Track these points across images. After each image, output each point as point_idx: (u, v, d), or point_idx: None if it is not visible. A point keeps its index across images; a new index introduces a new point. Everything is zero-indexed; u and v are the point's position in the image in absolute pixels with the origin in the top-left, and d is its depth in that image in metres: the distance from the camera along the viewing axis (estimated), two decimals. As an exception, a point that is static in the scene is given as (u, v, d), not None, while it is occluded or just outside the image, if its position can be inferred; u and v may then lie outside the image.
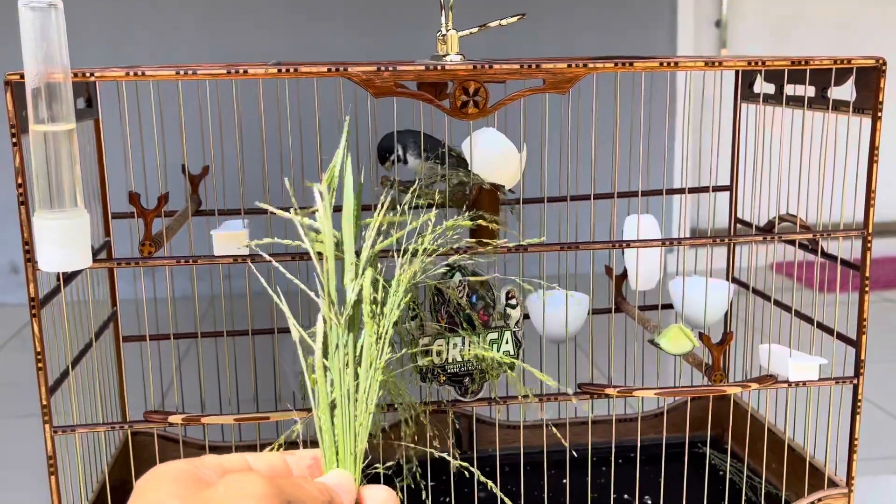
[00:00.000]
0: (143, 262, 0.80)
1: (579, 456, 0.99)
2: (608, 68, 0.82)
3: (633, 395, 0.88)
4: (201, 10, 2.43)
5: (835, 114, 0.90)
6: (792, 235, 0.92)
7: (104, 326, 1.01)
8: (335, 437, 0.49)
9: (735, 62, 0.84)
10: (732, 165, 1.11)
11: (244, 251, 0.81)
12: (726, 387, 0.89)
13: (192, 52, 2.42)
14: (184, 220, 0.92)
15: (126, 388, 1.10)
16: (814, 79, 0.91)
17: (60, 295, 0.83)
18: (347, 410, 0.50)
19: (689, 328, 0.96)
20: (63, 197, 0.73)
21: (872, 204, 0.89)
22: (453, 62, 0.86)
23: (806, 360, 0.91)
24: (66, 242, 0.73)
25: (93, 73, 0.77)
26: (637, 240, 0.90)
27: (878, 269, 2.65)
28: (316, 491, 0.43)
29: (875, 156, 0.88)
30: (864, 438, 1.38)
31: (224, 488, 0.39)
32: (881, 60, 0.85)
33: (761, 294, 1.03)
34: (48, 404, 0.80)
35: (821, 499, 0.93)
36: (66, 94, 0.72)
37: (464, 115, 0.82)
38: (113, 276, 1.06)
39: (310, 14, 2.48)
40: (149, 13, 2.41)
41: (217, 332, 0.94)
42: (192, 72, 0.77)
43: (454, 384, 0.87)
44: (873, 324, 2.22)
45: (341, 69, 0.79)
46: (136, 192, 0.81)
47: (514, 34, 2.56)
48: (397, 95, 0.81)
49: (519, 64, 0.82)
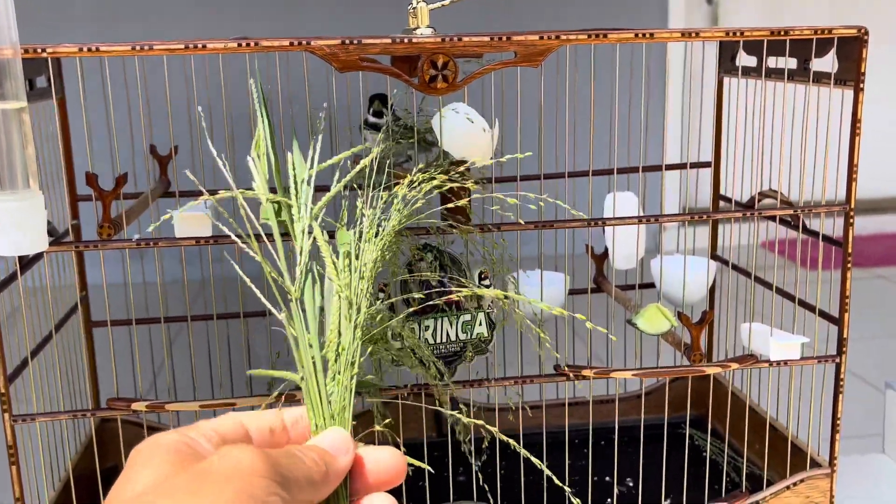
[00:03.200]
0: (101, 245, 0.78)
1: (558, 438, 0.97)
2: (581, 40, 0.79)
3: (611, 376, 0.86)
4: None
5: (817, 86, 0.88)
6: (773, 212, 0.90)
7: (72, 312, 0.99)
8: (320, 397, 0.47)
9: (713, 32, 0.82)
10: (715, 141, 1.09)
11: (206, 233, 0.78)
12: (705, 367, 0.87)
13: (177, 34, 2.38)
14: (148, 202, 0.90)
15: (101, 374, 1.08)
16: (795, 50, 0.89)
17: (18, 280, 0.81)
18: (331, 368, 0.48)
19: (671, 307, 0.94)
20: (15, 178, 0.70)
21: (855, 178, 0.87)
22: (422, 35, 0.83)
23: (788, 339, 0.89)
24: (19, 225, 0.70)
25: (44, 49, 0.74)
26: (613, 217, 0.88)
27: (870, 246, 2.63)
28: (310, 461, 0.42)
29: (857, 128, 0.85)
30: (853, 415, 1.37)
31: (218, 461, 0.37)
32: (863, 30, 0.82)
33: (742, 271, 1.01)
34: (6, 392, 0.78)
35: (803, 479, 0.91)
36: (16, 71, 0.69)
37: (433, 90, 0.79)
38: (81, 260, 1.04)
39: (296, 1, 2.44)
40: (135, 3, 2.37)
41: (182, 317, 0.92)
42: (148, 47, 0.74)
43: (426, 367, 0.85)
44: (866, 300, 2.21)
45: (304, 43, 0.76)
46: (94, 173, 0.79)
47: (500, 14, 2.53)
48: (363, 69, 0.78)
49: (489, 36, 0.79)
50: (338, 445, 0.44)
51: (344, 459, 0.44)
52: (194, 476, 0.37)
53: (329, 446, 0.44)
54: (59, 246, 0.79)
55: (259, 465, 0.38)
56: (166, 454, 0.38)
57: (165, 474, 0.37)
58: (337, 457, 0.44)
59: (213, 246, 0.81)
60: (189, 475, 0.37)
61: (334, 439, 0.45)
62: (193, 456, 0.39)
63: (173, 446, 0.39)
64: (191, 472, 0.37)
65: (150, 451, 0.39)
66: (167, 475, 0.37)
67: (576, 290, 1.04)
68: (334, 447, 0.44)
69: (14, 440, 0.79)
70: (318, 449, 0.43)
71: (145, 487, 0.37)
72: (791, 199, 0.93)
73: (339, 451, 0.44)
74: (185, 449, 0.39)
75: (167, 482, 0.37)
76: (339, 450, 0.44)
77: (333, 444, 0.44)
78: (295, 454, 0.42)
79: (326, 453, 0.43)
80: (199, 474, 0.37)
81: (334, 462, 0.43)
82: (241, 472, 0.37)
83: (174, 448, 0.39)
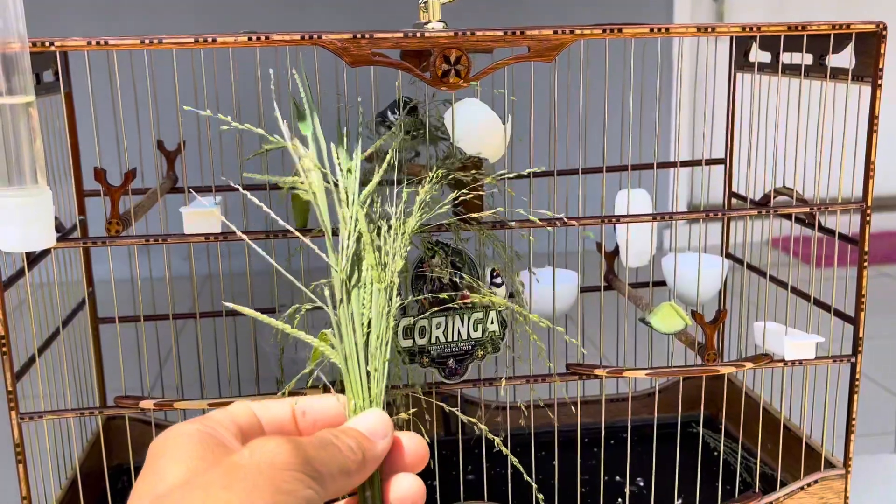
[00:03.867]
0: (110, 242, 0.77)
1: (569, 437, 0.97)
2: (596, 35, 0.78)
3: (624, 375, 0.85)
4: None
5: (833, 82, 0.87)
6: (788, 209, 0.89)
7: (78, 308, 0.98)
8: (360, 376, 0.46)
9: (729, 28, 0.81)
10: (727, 137, 1.08)
11: (216, 229, 0.78)
12: (720, 366, 0.86)
13: (182, 28, 2.37)
14: (156, 197, 0.89)
15: (108, 371, 1.07)
16: (811, 46, 0.88)
17: (25, 276, 0.80)
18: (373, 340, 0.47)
19: (682, 306, 0.93)
20: (23, 173, 0.70)
21: (872, 176, 0.85)
22: (434, 30, 0.82)
23: (802, 338, 0.88)
24: (27, 221, 0.69)
25: (52, 43, 0.73)
26: (627, 214, 0.87)
27: (875, 244, 2.62)
28: (346, 448, 0.40)
29: (875, 125, 0.84)
30: (862, 415, 1.36)
31: (249, 455, 0.37)
32: (881, 25, 0.81)
33: (756, 270, 1.00)
34: (14, 390, 0.77)
35: (817, 480, 0.90)
36: (24, 66, 0.68)
37: (445, 85, 0.78)
38: (88, 256, 1.03)
39: None
40: None
41: (189, 313, 0.91)
42: (157, 41, 0.73)
43: (438, 366, 0.84)
44: (873, 299, 2.20)
45: (315, 37, 0.75)
46: (103, 168, 0.78)
47: (507, 10, 2.52)
48: (374, 64, 0.77)
49: (503, 31, 0.78)
50: (377, 429, 0.43)
51: (382, 444, 0.43)
52: (227, 470, 0.36)
53: (367, 429, 0.43)
54: (66, 242, 0.78)
55: (293, 459, 0.37)
56: (194, 446, 0.38)
57: (196, 468, 0.36)
58: (375, 441, 0.42)
59: (222, 242, 0.80)
60: (222, 469, 0.36)
61: (373, 423, 0.43)
62: (221, 447, 0.38)
63: (198, 437, 0.38)
64: (224, 467, 0.36)
65: (176, 443, 0.38)
66: (199, 469, 0.36)
67: (587, 288, 1.03)
68: (373, 431, 0.43)
69: (21, 438, 0.78)
70: (356, 434, 0.42)
71: (178, 481, 0.36)
72: (805, 197, 0.92)
73: (378, 434, 0.43)
74: (211, 440, 0.38)
75: (200, 476, 0.36)
76: (377, 433, 0.43)
77: (373, 427, 0.43)
78: (331, 443, 0.40)
79: (364, 438, 0.42)
80: (232, 469, 0.36)
81: (372, 447, 0.42)
82: (275, 466, 0.36)
83: (200, 439, 0.38)
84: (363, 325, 0.48)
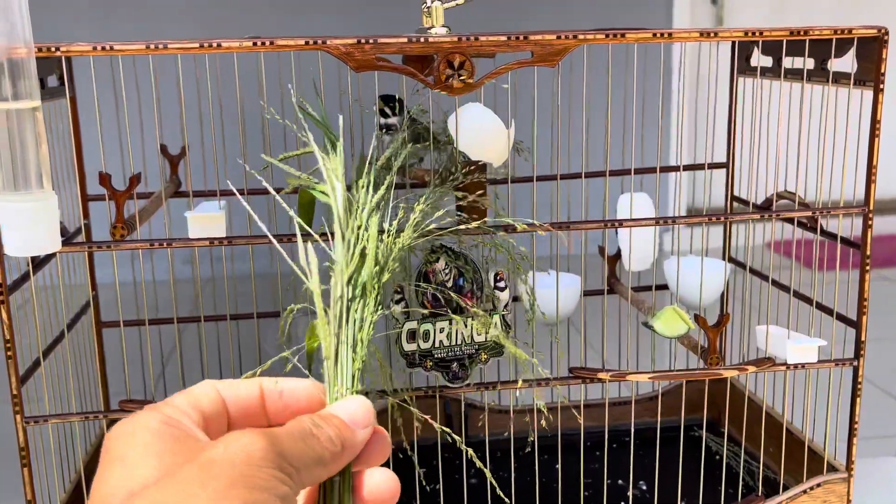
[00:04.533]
0: (115, 246, 0.77)
1: (573, 440, 0.97)
2: (599, 40, 0.79)
3: (626, 379, 0.85)
4: None
5: (835, 86, 0.87)
6: (790, 213, 0.89)
7: (82, 312, 0.98)
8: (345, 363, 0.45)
9: (731, 33, 0.81)
10: (729, 141, 1.08)
11: (221, 233, 0.78)
12: (722, 370, 0.86)
13: (180, 34, 2.37)
14: (160, 201, 0.89)
15: (112, 375, 1.07)
16: (813, 50, 0.88)
17: (30, 280, 0.80)
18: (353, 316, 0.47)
19: (685, 309, 0.93)
20: (29, 178, 0.70)
21: (874, 180, 0.86)
22: (438, 35, 0.82)
23: (804, 342, 0.88)
24: (33, 225, 0.69)
25: (59, 48, 0.73)
26: (630, 219, 0.87)
27: (876, 247, 2.62)
28: (325, 439, 0.39)
29: (877, 129, 0.84)
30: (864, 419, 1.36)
31: (224, 451, 0.35)
32: (883, 30, 0.81)
33: (758, 274, 1.00)
34: (19, 394, 0.77)
35: (820, 484, 0.91)
36: (30, 71, 0.68)
37: (449, 90, 0.79)
38: (91, 259, 1.03)
39: None
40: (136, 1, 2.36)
41: (194, 317, 0.91)
42: (163, 45, 0.74)
43: (441, 370, 0.84)
44: (872, 302, 2.21)
45: (320, 42, 0.76)
46: (108, 172, 0.78)
47: (508, 12, 2.52)
48: (379, 69, 0.78)
49: (506, 36, 0.78)
50: (358, 417, 0.41)
51: (362, 433, 0.41)
52: (202, 467, 0.35)
53: (349, 417, 0.41)
54: (72, 246, 0.79)
55: (268, 455, 0.36)
56: (163, 441, 0.36)
57: (170, 465, 0.35)
58: (355, 431, 0.41)
59: (227, 246, 0.80)
60: (196, 467, 0.35)
61: (355, 410, 0.42)
62: (190, 440, 0.37)
63: (163, 431, 0.36)
64: (198, 463, 0.35)
65: (142, 438, 0.36)
66: (172, 465, 0.35)
67: (589, 292, 1.03)
68: (354, 419, 0.41)
69: (26, 442, 0.78)
70: (337, 422, 0.40)
71: (151, 478, 0.34)
72: (807, 201, 0.92)
73: (359, 423, 0.41)
74: (177, 433, 0.37)
75: (175, 473, 0.34)
76: (358, 422, 0.41)
77: (354, 415, 0.41)
78: (310, 433, 0.39)
79: (345, 427, 0.40)
80: (207, 465, 0.35)
81: (352, 437, 0.41)
82: (251, 463, 0.35)
83: (165, 433, 0.36)
84: (356, 320, 0.48)
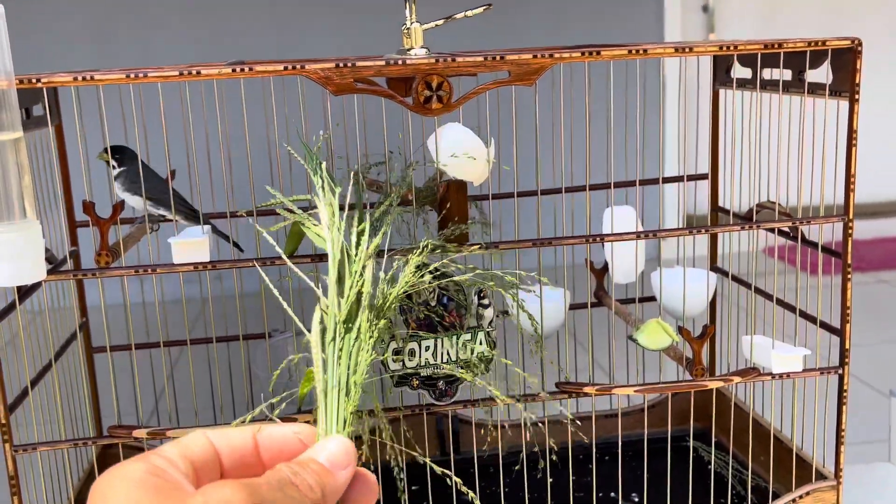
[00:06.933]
0: (100, 274, 0.78)
1: (562, 454, 0.97)
2: (575, 58, 0.79)
3: (612, 393, 0.86)
4: (184, 8, 2.40)
5: (812, 97, 0.88)
6: (771, 224, 0.90)
7: (72, 338, 0.99)
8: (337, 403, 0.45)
9: (706, 48, 0.82)
10: (711, 152, 1.09)
11: (205, 258, 0.78)
12: (708, 381, 0.87)
13: (176, 48, 2.39)
14: (145, 227, 0.90)
15: (104, 400, 1.08)
16: (790, 62, 0.89)
17: (17, 310, 0.81)
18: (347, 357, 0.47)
19: (672, 321, 0.94)
20: (12, 209, 0.70)
21: (853, 189, 0.86)
22: (417, 56, 0.83)
23: (789, 351, 0.89)
24: (17, 256, 0.70)
25: (39, 80, 0.74)
26: (611, 233, 0.88)
27: (872, 250, 2.63)
28: (305, 487, 0.39)
29: (854, 140, 0.85)
30: (860, 423, 1.36)
31: (202, 502, 0.35)
32: (856, 41, 0.82)
33: (742, 282, 1.00)
34: (8, 423, 0.78)
35: (809, 492, 0.91)
36: (12, 102, 0.69)
37: (427, 111, 0.79)
38: (81, 285, 1.04)
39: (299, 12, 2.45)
40: (134, 9, 2.38)
41: (182, 340, 0.92)
42: (143, 74, 0.75)
43: (427, 388, 0.85)
44: (869, 305, 2.21)
45: (298, 67, 0.77)
46: (92, 200, 0.79)
47: (497, 26, 2.53)
48: (358, 92, 0.78)
49: (483, 56, 0.79)
50: (339, 459, 0.41)
51: (343, 475, 0.41)
52: None
53: (329, 459, 0.41)
54: (57, 275, 0.79)
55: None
56: (144, 491, 0.36)
57: None
58: (335, 473, 0.41)
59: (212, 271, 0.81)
60: None
61: (335, 451, 0.41)
62: (172, 491, 0.36)
63: (145, 481, 0.36)
64: None
65: (122, 489, 0.36)
66: None
67: (577, 305, 1.03)
68: (335, 461, 0.41)
69: (16, 470, 0.78)
70: (317, 468, 0.40)
71: None
72: (790, 209, 0.92)
73: (339, 465, 0.41)
74: (159, 483, 0.36)
75: None
76: (338, 464, 0.41)
77: (334, 457, 0.41)
78: (289, 482, 0.38)
79: (325, 472, 0.40)
80: None
81: (332, 480, 0.40)
82: None
83: (146, 483, 0.36)
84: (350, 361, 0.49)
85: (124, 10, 2.38)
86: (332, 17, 2.47)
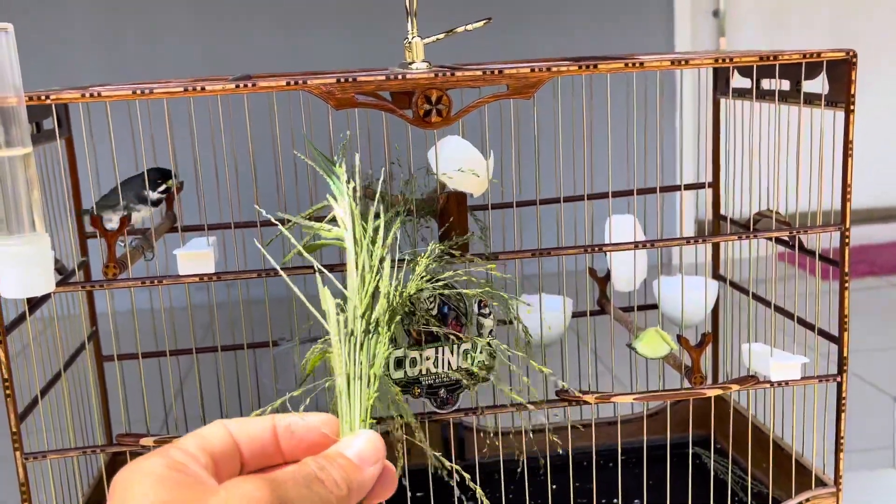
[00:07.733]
0: (108, 285, 0.79)
1: (563, 462, 0.98)
2: (572, 71, 0.81)
3: (612, 401, 0.87)
4: (192, 14, 2.43)
5: (808, 107, 0.89)
6: (770, 233, 0.91)
7: (82, 346, 1.01)
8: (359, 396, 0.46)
9: (702, 60, 0.83)
10: (713, 161, 1.10)
11: (210, 269, 0.80)
12: (706, 389, 0.88)
13: (184, 54, 2.42)
14: (153, 238, 0.92)
15: (114, 407, 1.10)
16: (787, 72, 0.90)
17: (27, 321, 0.83)
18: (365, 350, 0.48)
19: (674, 329, 0.94)
20: (22, 222, 0.72)
21: (849, 199, 0.87)
22: (418, 70, 0.85)
23: (787, 359, 0.89)
24: (26, 268, 0.72)
25: (48, 97, 0.76)
26: (610, 243, 0.89)
27: (884, 254, 2.62)
28: (331, 483, 0.38)
29: (850, 150, 0.86)
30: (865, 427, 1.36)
31: (226, 498, 0.35)
32: (851, 53, 0.83)
33: (742, 290, 1.01)
34: (18, 431, 0.80)
35: (808, 499, 0.92)
36: (21, 118, 0.71)
37: (427, 125, 0.81)
38: (91, 295, 1.06)
39: (306, 15, 2.47)
40: (140, 18, 2.41)
41: (188, 349, 0.94)
42: (149, 90, 0.76)
43: (429, 396, 0.86)
44: (880, 309, 2.20)
45: (300, 82, 0.78)
46: (100, 214, 0.81)
47: (507, 35, 2.55)
48: (359, 107, 0.80)
49: (482, 70, 0.81)
50: (367, 455, 0.40)
51: (371, 471, 0.40)
52: None
53: (357, 455, 0.40)
54: (66, 286, 0.81)
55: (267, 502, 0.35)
56: (163, 487, 0.35)
57: None
58: (364, 469, 0.40)
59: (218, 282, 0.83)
60: None
61: (364, 447, 0.40)
62: (193, 485, 0.36)
63: (166, 476, 0.35)
64: None
65: (142, 483, 0.35)
66: None
67: (579, 313, 1.04)
68: (363, 457, 0.40)
69: (26, 478, 0.80)
70: (344, 463, 0.39)
71: None
72: (789, 217, 0.93)
73: (368, 461, 0.40)
74: (180, 478, 0.36)
75: None
76: (366, 460, 0.40)
77: (363, 452, 0.40)
78: (315, 478, 0.37)
79: (353, 467, 0.39)
80: None
81: (359, 476, 0.39)
82: None
83: (167, 479, 0.35)
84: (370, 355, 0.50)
85: (132, 14, 2.41)
86: (340, 21, 2.49)
